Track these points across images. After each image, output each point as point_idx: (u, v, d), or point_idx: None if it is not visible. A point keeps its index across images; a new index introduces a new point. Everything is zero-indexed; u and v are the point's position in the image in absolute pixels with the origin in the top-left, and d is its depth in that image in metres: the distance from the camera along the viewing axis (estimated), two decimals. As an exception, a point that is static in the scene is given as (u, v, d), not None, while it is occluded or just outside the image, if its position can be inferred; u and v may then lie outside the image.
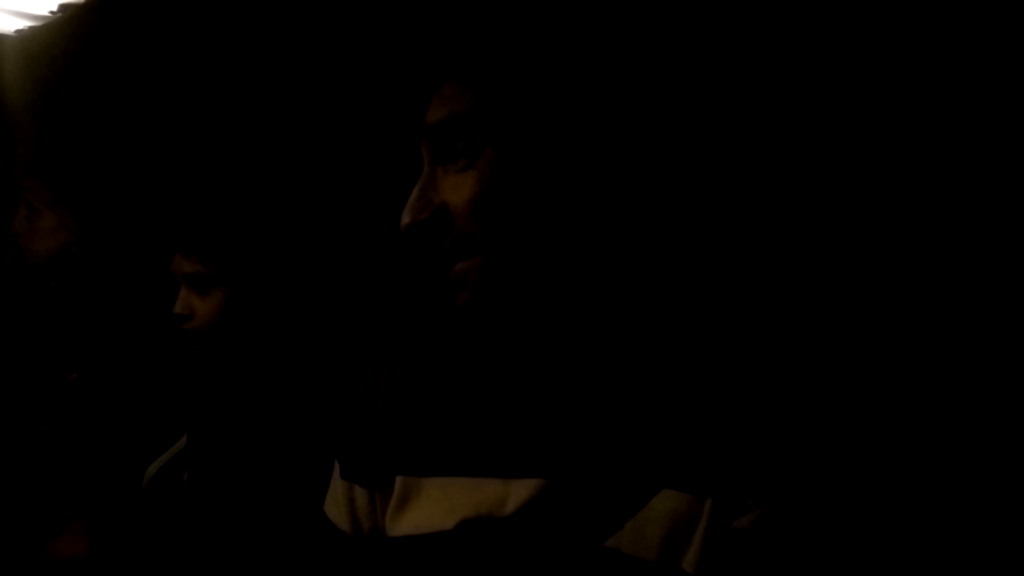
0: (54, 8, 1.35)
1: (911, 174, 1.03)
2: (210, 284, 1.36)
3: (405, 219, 0.72)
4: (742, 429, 0.71)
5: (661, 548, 0.69)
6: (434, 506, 0.76)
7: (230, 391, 1.37)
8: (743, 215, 1.10)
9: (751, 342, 0.77)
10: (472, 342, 0.83)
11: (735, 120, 1.08)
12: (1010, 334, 0.99)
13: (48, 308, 1.76)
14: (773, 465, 0.70)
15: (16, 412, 1.71)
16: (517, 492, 0.73)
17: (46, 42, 1.54)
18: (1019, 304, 0.98)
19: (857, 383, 1.00)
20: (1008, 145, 0.99)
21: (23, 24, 1.40)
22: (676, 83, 0.84)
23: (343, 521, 0.85)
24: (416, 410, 0.81)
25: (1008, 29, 0.98)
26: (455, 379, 0.82)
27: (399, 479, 0.79)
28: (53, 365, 1.73)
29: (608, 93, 0.72)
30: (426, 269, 0.75)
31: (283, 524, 1.18)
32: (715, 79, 1.07)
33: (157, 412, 1.61)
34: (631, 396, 0.74)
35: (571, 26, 0.73)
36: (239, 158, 1.69)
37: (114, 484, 1.54)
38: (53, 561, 1.38)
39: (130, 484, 1.47)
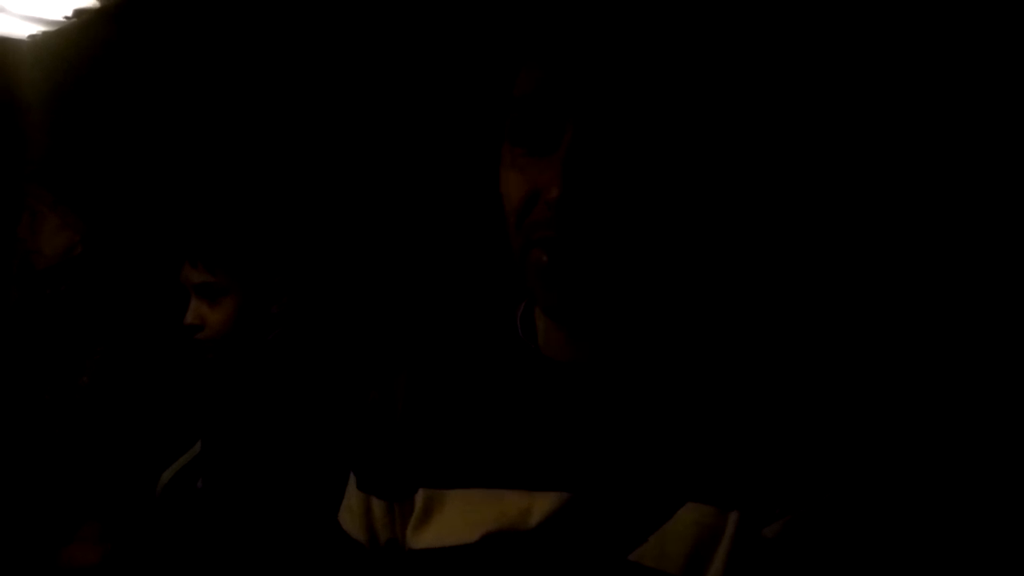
0: (68, 14, 1.35)
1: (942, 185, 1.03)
2: (219, 293, 1.36)
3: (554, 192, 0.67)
4: (765, 440, 0.70)
5: (685, 562, 0.69)
6: (457, 518, 0.76)
7: (244, 398, 1.36)
8: (778, 230, 1.10)
9: (772, 354, 0.77)
10: (492, 351, 0.83)
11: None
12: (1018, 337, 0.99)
13: (58, 312, 1.76)
14: (798, 475, 0.69)
15: (28, 417, 1.71)
16: (541, 505, 0.72)
17: (60, 47, 1.54)
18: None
19: (881, 389, 1.00)
20: (1008, 145, 0.99)
21: (37, 29, 1.41)
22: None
23: (359, 532, 0.84)
24: (437, 420, 0.81)
25: (1008, 29, 0.98)
26: (476, 388, 0.81)
27: (421, 491, 0.79)
28: (64, 369, 1.73)
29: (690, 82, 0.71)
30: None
31: (296, 533, 1.18)
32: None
33: (171, 418, 1.61)
34: (655, 409, 0.73)
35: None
36: (246, 164, 1.69)
37: (127, 491, 1.54)
38: (66, 568, 1.38)
39: (143, 491, 1.47)
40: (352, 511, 0.85)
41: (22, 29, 1.39)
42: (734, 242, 1.08)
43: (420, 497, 0.79)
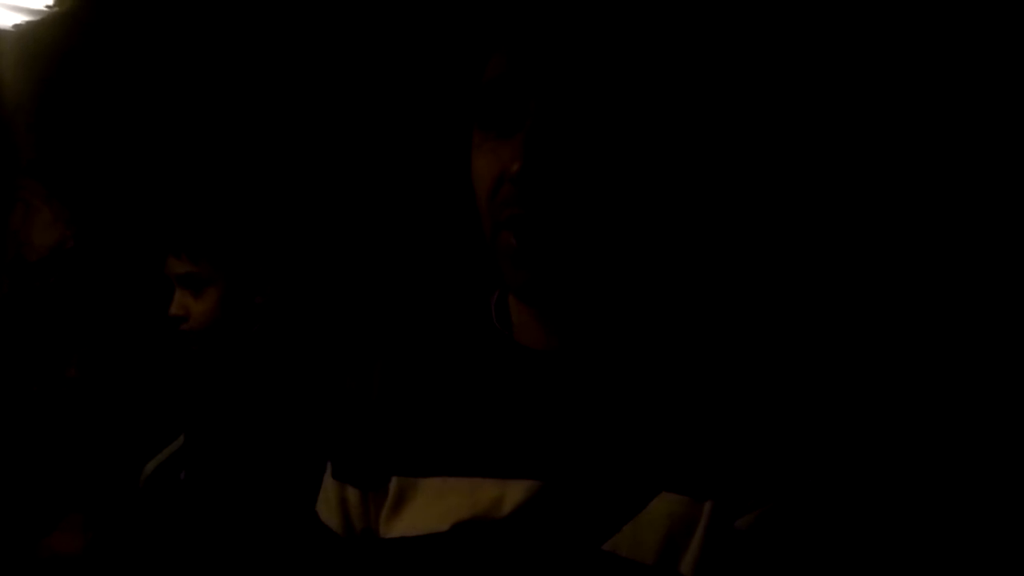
0: (51, 2, 1.35)
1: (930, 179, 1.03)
2: (203, 284, 1.35)
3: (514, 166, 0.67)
4: (740, 431, 0.70)
5: (659, 551, 0.68)
6: (430, 507, 0.75)
7: (227, 390, 1.36)
8: (749, 217, 1.09)
9: (748, 342, 0.76)
10: (466, 340, 0.82)
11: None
12: (1009, 334, 0.98)
13: (47, 304, 1.76)
14: (773, 466, 0.69)
15: (15, 407, 1.71)
16: (513, 493, 0.72)
17: (43, 37, 1.54)
18: (1019, 304, 0.98)
19: (856, 381, 1.00)
20: (1008, 145, 0.99)
21: (20, 19, 1.40)
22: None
23: (334, 521, 0.84)
24: (411, 409, 0.80)
25: (1008, 29, 0.98)
26: (451, 377, 0.81)
27: (395, 479, 0.78)
28: (52, 361, 1.73)
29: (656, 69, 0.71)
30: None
31: (279, 523, 1.18)
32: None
33: (155, 410, 1.61)
34: (630, 397, 0.73)
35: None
36: (227, 154, 1.68)
37: (111, 481, 1.54)
38: (49, 558, 1.38)
39: (127, 482, 1.47)
40: (328, 501, 0.85)
41: (6, 19, 1.38)
42: (706, 222, 1.08)
43: (393, 486, 0.78)
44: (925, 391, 1.00)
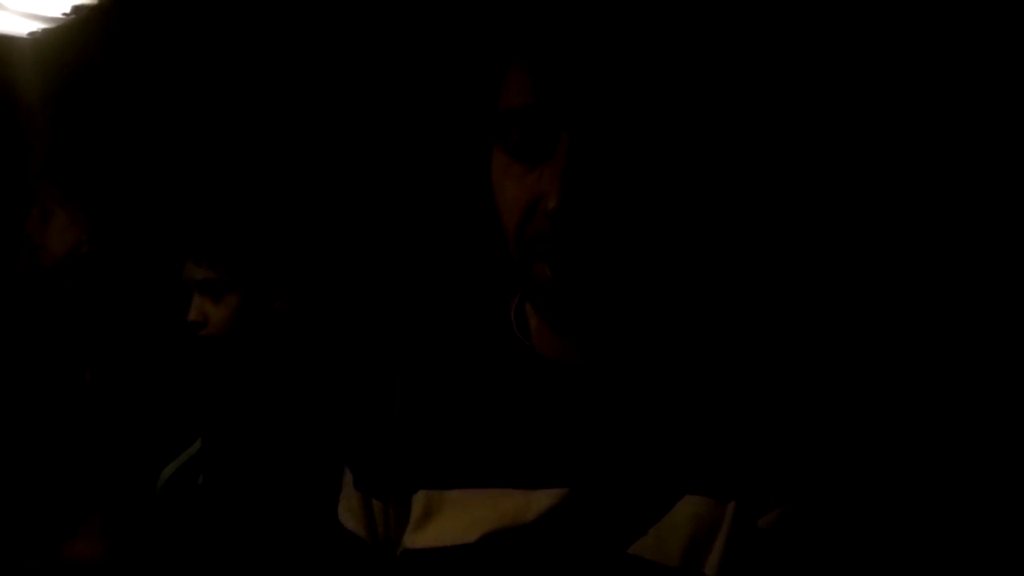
0: (67, 10, 1.35)
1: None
2: (222, 289, 1.35)
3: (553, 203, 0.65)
4: (760, 432, 0.70)
5: (684, 553, 0.68)
6: (456, 519, 0.75)
7: (245, 395, 1.36)
8: (768, 224, 1.09)
9: (765, 345, 0.77)
10: (486, 349, 0.82)
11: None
12: (1015, 333, 0.98)
13: (62, 308, 1.77)
14: (793, 465, 0.69)
15: (31, 412, 1.71)
16: (539, 502, 0.72)
17: (59, 44, 1.54)
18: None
19: (872, 383, 0.99)
20: (1008, 145, 0.98)
21: (36, 27, 1.40)
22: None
23: (361, 530, 0.84)
24: (433, 420, 0.80)
25: (1008, 29, 0.97)
26: (472, 388, 0.80)
27: (420, 492, 0.78)
28: (67, 365, 1.74)
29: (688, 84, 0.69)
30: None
31: (297, 530, 1.18)
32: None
33: (172, 415, 1.61)
34: (650, 404, 0.73)
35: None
36: (248, 160, 1.68)
37: (129, 486, 1.54)
38: (68, 563, 1.39)
39: (145, 487, 1.47)
40: (352, 510, 0.85)
41: (22, 27, 1.38)
42: (729, 241, 1.08)
43: (419, 498, 0.78)
44: (943, 393, 0.99)
